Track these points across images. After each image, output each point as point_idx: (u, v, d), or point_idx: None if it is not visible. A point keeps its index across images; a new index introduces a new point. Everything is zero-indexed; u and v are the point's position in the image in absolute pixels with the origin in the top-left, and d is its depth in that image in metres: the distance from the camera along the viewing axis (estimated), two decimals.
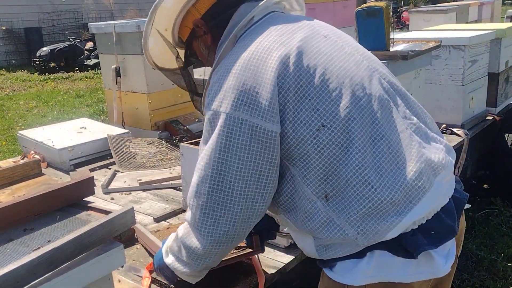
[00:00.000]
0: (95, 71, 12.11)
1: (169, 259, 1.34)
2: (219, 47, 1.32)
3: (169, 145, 3.06)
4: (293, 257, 1.67)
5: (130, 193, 2.39)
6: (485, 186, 4.18)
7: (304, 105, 1.13)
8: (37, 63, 12.74)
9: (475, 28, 3.83)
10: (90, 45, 13.57)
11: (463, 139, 2.98)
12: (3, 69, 13.38)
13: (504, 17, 7.45)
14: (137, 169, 2.68)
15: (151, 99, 3.33)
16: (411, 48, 2.64)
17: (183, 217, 1.97)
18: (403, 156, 1.14)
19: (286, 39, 1.20)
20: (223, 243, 1.20)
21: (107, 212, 1.25)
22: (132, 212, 1.21)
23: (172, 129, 3.33)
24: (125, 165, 2.71)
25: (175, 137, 3.24)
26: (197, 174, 1.19)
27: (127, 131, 3.12)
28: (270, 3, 1.34)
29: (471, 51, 3.14)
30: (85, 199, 1.37)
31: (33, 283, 0.98)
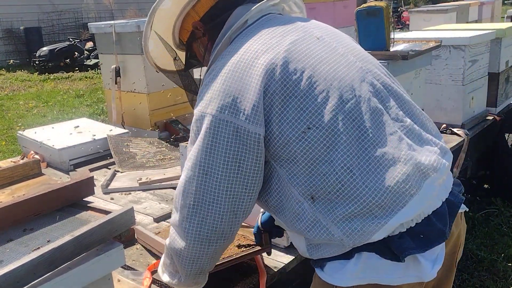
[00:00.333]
0: (95, 71, 12.11)
1: (164, 277, 1.36)
2: (213, 49, 1.34)
3: (169, 145, 3.06)
4: (293, 257, 1.67)
5: (130, 193, 2.39)
6: (485, 186, 4.18)
7: (290, 107, 1.14)
8: (37, 63, 12.75)
9: (475, 28, 3.82)
10: (90, 45, 13.59)
11: (463, 139, 2.98)
12: (3, 69, 13.38)
13: (504, 17, 7.44)
14: (137, 169, 2.68)
15: (151, 99, 3.33)
16: (411, 48, 2.64)
17: None
18: (390, 159, 1.13)
19: (276, 42, 1.21)
20: (212, 241, 1.20)
21: (107, 212, 1.25)
22: (132, 212, 1.21)
23: (172, 129, 3.33)
24: (125, 165, 2.71)
25: (174, 137, 3.24)
26: (184, 174, 1.20)
27: (127, 131, 3.12)
28: (265, 5, 1.34)
29: (471, 51, 3.14)
30: (85, 199, 1.37)
31: (33, 283, 0.98)
